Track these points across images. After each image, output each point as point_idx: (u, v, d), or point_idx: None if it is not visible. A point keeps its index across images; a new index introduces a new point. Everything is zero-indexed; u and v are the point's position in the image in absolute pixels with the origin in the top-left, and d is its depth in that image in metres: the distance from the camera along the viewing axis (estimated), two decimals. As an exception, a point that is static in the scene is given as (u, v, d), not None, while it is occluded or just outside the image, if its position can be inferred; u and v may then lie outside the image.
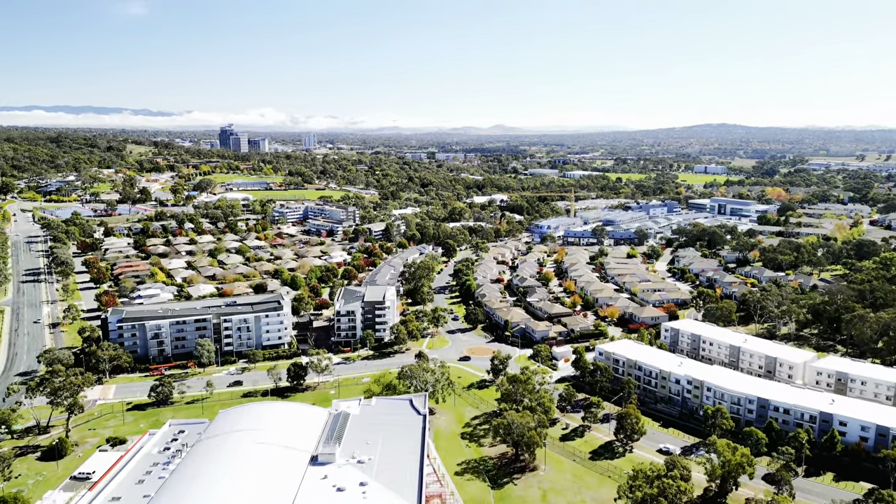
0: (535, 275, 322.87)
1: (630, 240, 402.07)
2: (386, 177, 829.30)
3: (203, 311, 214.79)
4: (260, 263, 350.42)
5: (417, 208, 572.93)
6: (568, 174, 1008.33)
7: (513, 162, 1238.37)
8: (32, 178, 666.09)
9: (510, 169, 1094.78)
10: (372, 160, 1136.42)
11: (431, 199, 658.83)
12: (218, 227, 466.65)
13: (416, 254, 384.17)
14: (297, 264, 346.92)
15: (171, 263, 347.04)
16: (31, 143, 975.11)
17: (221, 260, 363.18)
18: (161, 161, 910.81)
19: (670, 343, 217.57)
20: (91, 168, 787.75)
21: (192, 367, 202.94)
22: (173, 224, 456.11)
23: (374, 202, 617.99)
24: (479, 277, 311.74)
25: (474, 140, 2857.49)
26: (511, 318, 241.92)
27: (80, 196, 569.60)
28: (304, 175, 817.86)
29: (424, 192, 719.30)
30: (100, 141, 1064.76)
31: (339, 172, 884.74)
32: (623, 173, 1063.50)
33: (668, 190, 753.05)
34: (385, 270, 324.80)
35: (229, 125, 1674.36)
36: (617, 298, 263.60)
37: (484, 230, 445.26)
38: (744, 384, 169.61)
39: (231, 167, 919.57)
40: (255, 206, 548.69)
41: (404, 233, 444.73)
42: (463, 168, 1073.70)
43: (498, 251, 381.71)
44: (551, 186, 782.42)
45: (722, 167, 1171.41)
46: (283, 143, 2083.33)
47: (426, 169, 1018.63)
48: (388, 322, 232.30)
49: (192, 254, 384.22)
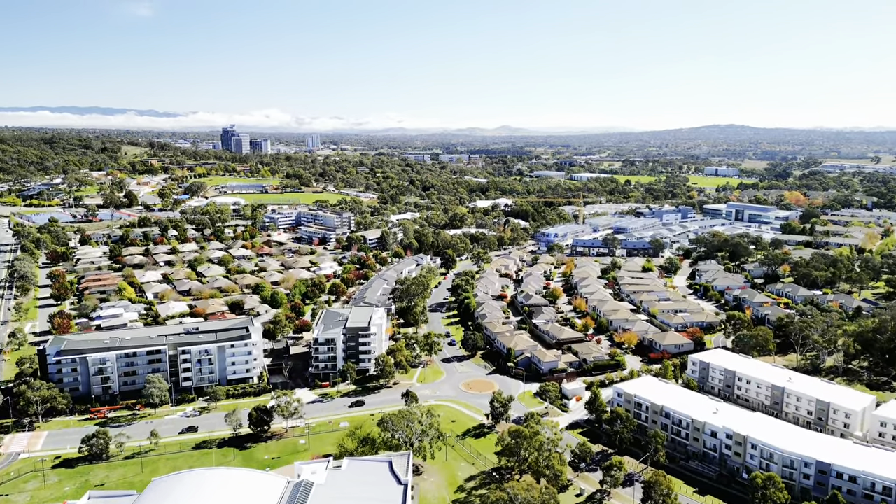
0: (542, 290, 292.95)
1: (644, 250, 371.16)
2: (386, 179, 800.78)
3: (158, 339, 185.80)
4: (242, 276, 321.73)
5: (417, 213, 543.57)
6: (575, 176, 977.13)
7: (518, 163, 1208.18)
8: (17, 180, 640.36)
9: (515, 171, 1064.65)
10: (374, 162, 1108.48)
11: (432, 202, 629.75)
12: (203, 235, 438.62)
13: (413, 265, 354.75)
14: (282, 277, 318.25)
15: (146, 276, 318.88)
16: (23, 145, 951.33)
17: (201, 272, 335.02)
18: (155, 163, 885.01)
19: (699, 379, 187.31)
20: (80, 170, 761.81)
21: (141, 408, 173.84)
22: (156, 231, 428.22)
23: (372, 206, 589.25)
24: (479, 293, 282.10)
25: (479, 141, 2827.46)
26: (515, 345, 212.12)
27: (64, 200, 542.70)
28: (301, 177, 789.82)
29: (426, 195, 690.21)
30: (94, 142, 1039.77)
31: (338, 175, 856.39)
32: (632, 175, 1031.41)
33: (679, 193, 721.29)
34: (377, 285, 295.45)
35: (231, 126, 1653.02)
36: (634, 321, 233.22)
37: (486, 238, 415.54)
38: (796, 440, 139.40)
39: (228, 169, 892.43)
40: (245, 210, 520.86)
41: (401, 241, 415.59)
42: (467, 170, 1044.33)
43: (501, 262, 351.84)
44: (558, 190, 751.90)
45: (733, 169, 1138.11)
46: (287, 144, 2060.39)
47: (429, 171, 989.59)
48: (373, 351, 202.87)
49: (172, 264, 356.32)
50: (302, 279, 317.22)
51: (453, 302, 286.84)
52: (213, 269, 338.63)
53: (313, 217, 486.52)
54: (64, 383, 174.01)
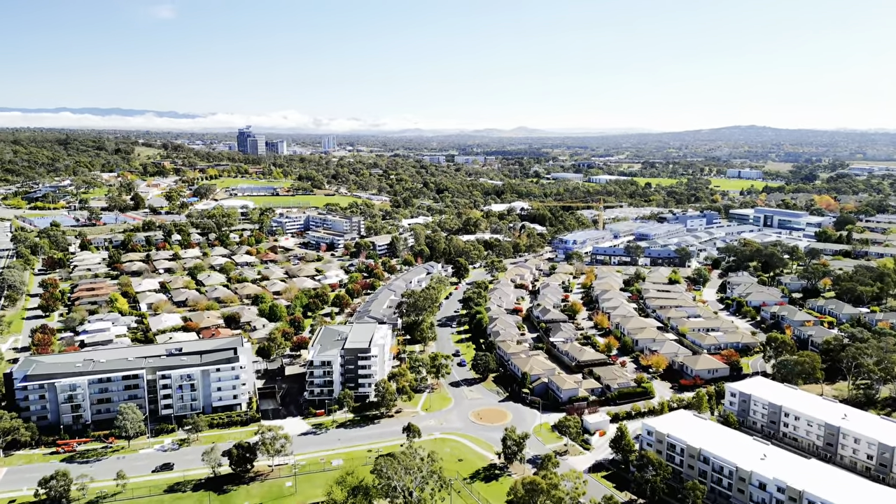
0: (560, 304, 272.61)
1: (670, 259, 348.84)
2: (400, 182, 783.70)
3: (135, 363, 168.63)
4: (242, 286, 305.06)
5: (430, 217, 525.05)
6: (593, 178, 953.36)
7: (535, 165, 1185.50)
8: (26, 182, 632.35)
9: (532, 173, 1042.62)
10: (388, 163, 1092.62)
11: (446, 206, 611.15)
12: (208, 240, 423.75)
13: (423, 273, 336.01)
14: (285, 287, 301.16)
15: (143, 284, 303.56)
16: (37, 146, 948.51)
17: (201, 280, 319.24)
18: (168, 164, 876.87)
19: (738, 412, 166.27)
20: (91, 172, 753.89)
21: (113, 441, 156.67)
22: (159, 236, 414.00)
23: (384, 210, 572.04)
24: (492, 307, 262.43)
25: (496, 142, 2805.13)
26: (531, 368, 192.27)
27: (70, 203, 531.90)
28: (313, 180, 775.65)
29: (439, 198, 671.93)
30: (108, 143, 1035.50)
31: (351, 177, 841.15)
32: (652, 178, 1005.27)
33: (702, 197, 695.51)
34: (383, 297, 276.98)
35: (247, 127, 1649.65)
36: (662, 342, 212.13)
37: (501, 245, 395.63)
38: (859, 497, 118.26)
39: (240, 171, 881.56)
40: (253, 214, 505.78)
41: (412, 247, 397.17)
42: (482, 172, 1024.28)
43: (516, 271, 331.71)
44: (576, 193, 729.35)
45: (756, 171, 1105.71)
46: (303, 145, 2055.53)
47: (443, 173, 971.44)
48: (373, 375, 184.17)
49: (172, 272, 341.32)
50: (305, 289, 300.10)
51: (464, 315, 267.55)
52: (213, 276, 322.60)
53: (322, 221, 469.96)
54: (31, 411, 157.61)
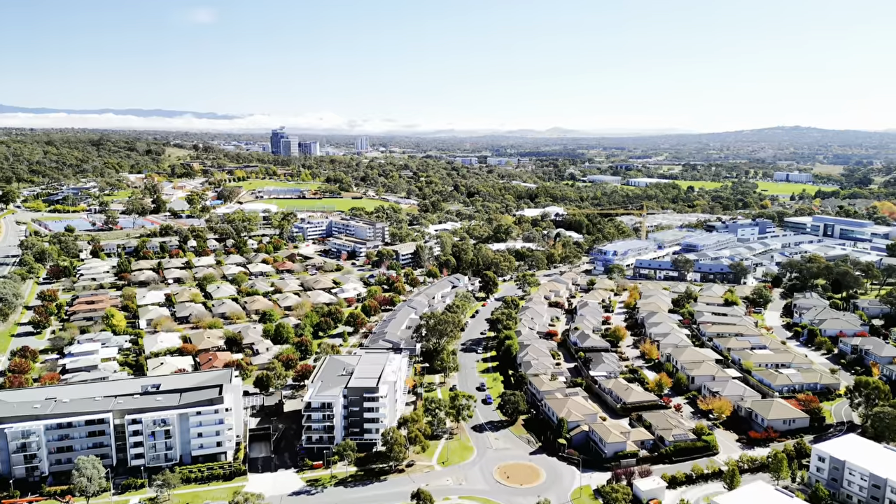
0: (600, 328, 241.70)
1: (723, 275, 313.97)
2: (430, 184, 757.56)
3: (103, 403, 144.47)
4: (252, 299, 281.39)
5: (458, 223, 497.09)
6: (632, 181, 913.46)
7: (570, 167, 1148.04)
8: (51, 183, 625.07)
9: (567, 175, 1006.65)
10: (419, 165, 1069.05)
11: (476, 210, 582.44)
12: (225, 246, 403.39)
13: (448, 287, 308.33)
14: (297, 302, 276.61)
15: (147, 297, 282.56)
16: (70, 146, 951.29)
17: (210, 292, 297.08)
18: (197, 166, 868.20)
19: (827, 482, 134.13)
20: (119, 173, 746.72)
21: (71, 500, 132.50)
22: (174, 242, 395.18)
23: (411, 214, 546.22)
24: (524, 329, 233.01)
25: (530, 143, 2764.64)
26: (568, 413, 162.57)
27: (90, 206, 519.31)
28: (341, 182, 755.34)
29: (470, 202, 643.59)
30: (139, 144, 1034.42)
31: (380, 179, 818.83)
32: (693, 181, 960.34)
33: (751, 203, 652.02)
34: (402, 316, 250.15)
35: (280, 128, 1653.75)
36: (724, 381, 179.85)
37: (534, 255, 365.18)
38: None
39: (268, 172, 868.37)
40: (275, 218, 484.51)
41: (437, 257, 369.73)
42: (515, 174, 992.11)
43: (551, 287, 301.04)
44: (614, 197, 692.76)
45: (805, 175, 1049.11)
46: (337, 146, 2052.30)
47: (475, 175, 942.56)
48: (382, 420, 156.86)
49: (181, 282, 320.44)
50: (319, 304, 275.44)
51: (492, 338, 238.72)
52: (223, 288, 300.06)
53: (344, 227, 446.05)
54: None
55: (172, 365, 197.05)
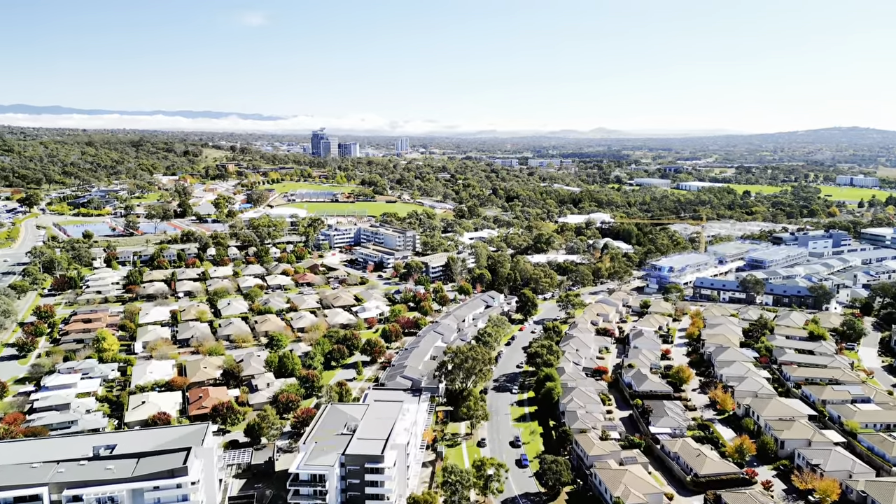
0: (659, 364, 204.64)
1: (800, 298, 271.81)
2: (467, 188, 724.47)
3: (40, 472, 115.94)
4: (264, 319, 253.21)
5: (495, 231, 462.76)
6: (682, 185, 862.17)
7: (615, 170, 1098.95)
8: (81, 185, 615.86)
9: (612, 178, 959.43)
10: (457, 167, 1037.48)
11: (515, 216, 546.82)
12: (246, 255, 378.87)
13: (481, 307, 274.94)
14: (312, 323, 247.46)
15: (151, 314, 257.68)
16: (110, 148, 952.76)
17: (220, 309, 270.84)
18: (232, 167, 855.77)
19: None
20: (153, 175, 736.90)
21: None
22: (192, 249, 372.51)
23: (446, 220, 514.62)
24: (567, 365, 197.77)
25: (573, 144, 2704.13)
26: (625, 493, 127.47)
27: (115, 209, 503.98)
28: (376, 185, 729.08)
29: (509, 207, 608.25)
30: (177, 145, 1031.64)
31: (416, 182, 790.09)
32: (749, 185, 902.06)
33: (817, 210, 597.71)
34: (427, 343, 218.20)
35: (321, 129, 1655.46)
36: (826, 451, 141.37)
37: (579, 270, 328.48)
38: None
39: (304, 175, 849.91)
40: (302, 224, 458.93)
41: (471, 270, 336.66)
42: (557, 177, 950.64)
43: (598, 309, 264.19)
44: (664, 202, 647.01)
45: (871, 179, 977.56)
46: (377, 147, 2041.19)
47: (515, 178, 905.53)
48: (388, 495, 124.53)
49: (193, 296, 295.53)
50: (336, 326, 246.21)
51: (530, 374, 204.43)
52: (234, 305, 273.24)
53: (373, 235, 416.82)
54: None
55: (155, 405, 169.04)
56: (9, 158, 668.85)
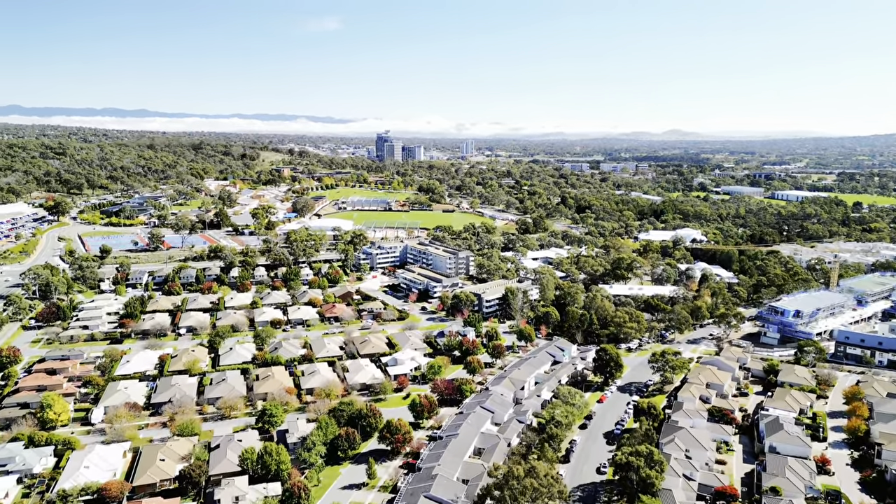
0: (814, 484, 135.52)
1: None
2: (532, 195, 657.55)
3: None
4: (265, 375, 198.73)
5: (564, 251, 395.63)
6: (779, 195, 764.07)
7: (698, 175, 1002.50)
8: (125, 191, 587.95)
9: (696, 185, 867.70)
10: (523, 171, 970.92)
11: (588, 230, 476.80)
12: (273, 277, 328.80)
13: (546, 363, 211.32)
14: (325, 383, 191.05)
15: (133, 361, 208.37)
16: (170, 151, 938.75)
17: (221, 354, 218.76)
18: (287, 172, 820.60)
19: None
20: (203, 180, 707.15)
21: None
22: (214, 269, 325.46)
23: (507, 234, 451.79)
24: (674, 485, 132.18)
25: (646, 146, 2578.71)
26: None
27: (149, 219, 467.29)
28: (433, 192, 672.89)
29: (580, 219, 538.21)
30: (234, 148, 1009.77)
31: (477, 188, 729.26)
32: (856, 194, 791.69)
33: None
34: (469, 430, 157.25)
35: (385, 132, 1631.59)
36: None
37: (673, 311, 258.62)
38: None
39: (360, 180, 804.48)
40: (344, 238, 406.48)
41: (534, 305, 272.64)
42: (633, 183, 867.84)
43: (708, 377, 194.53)
44: (763, 216, 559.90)
45: None
46: (442, 150, 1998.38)
47: (586, 184, 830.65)
48: None
49: (195, 333, 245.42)
50: (356, 386, 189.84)
51: (617, 488, 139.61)
52: (237, 350, 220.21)
53: (421, 256, 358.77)
54: None
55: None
56: (58, 162, 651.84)
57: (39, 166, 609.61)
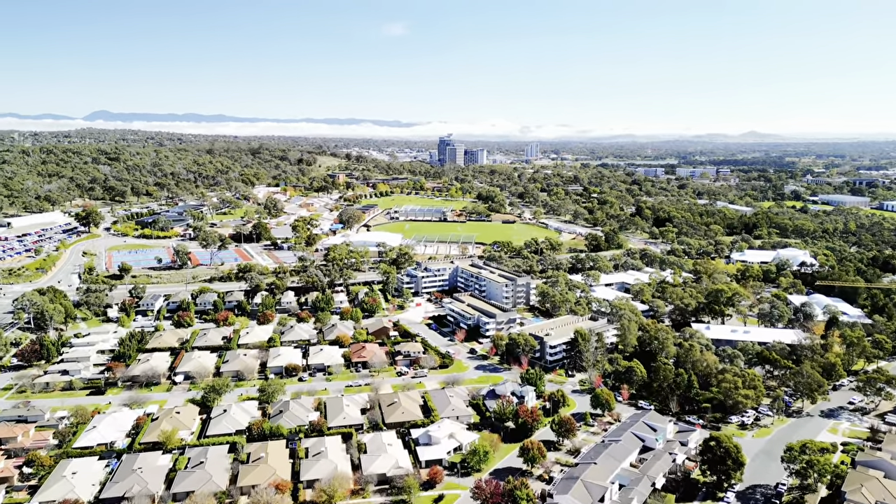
0: None
1: None
2: (603, 205, 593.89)
3: None
4: (257, 458, 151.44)
5: (644, 275, 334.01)
6: (887, 205, 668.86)
7: (787, 181, 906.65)
8: (171, 198, 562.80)
9: (788, 194, 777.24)
10: (591, 177, 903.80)
11: (670, 248, 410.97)
12: (303, 306, 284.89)
13: (633, 451, 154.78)
14: (330, 473, 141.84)
15: (101, 428, 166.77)
16: (229, 156, 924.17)
17: (213, 416, 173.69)
18: (342, 178, 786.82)
19: None
20: (255, 187, 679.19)
21: None
22: (237, 294, 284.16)
23: (576, 251, 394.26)
24: None
25: (722, 149, 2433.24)
26: None
27: (186, 230, 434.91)
28: (493, 200, 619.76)
29: (659, 234, 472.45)
30: (291, 153, 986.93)
31: (541, 196, 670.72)
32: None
33: None
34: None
35: (448, 135, 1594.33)
36: None
37: (801, 371, 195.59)
38: None
39: (415, 187, 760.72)
40: (389, 256, 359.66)
41: (612, 355, 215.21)
42: (716, 190, 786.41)
43: (872, 488, 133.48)
44: (878, 231, 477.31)
45: None
46: (506, 153, 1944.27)
47: (662, 192, 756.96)
48: None
49: (193, 383, 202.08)
50: (372, 478, 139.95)
51: None
52: (233, 414, 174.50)
53: (473, 281, 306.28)
54: None
55: None
56: (109, 168, 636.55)
57: (88, 172, 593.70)
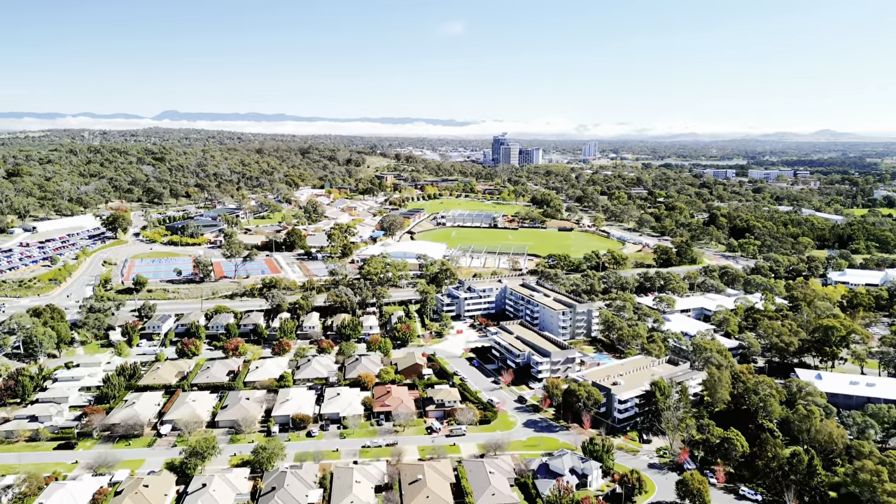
0: None
1: None
2: (671, 210, 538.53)
3: None
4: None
5: (729, 299, 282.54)
6: None
7: (877, 185, 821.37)
8: (209, 200, 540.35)
9: (881, 200, 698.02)
10: (655, 178, 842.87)
11: (756, 265, 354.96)
12: (328, 331, 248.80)
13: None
14: None
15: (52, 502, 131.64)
16: (277, 156, 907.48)
17: (190, 492, 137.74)
18: (390, 179, 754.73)
19: None
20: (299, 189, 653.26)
21: None
22: (255, 316, 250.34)
23: (644, 266, 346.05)
24: None
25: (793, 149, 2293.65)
26: None
27: (216, 236, 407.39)
28: (548, 204, 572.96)
29: (738, 245, 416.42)
30: (339, 153, 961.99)
31: (601, 200, 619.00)
32: None
33: None
34: None
35: (502, 134, 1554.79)
36: None
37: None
38: None
39: (466, 189, 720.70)
40: (430, 271, 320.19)
41: (699, 414, 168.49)
42: (796, 195, 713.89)
43: None
44: None
45: None
46: (563, 152, 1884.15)
47: (735, 195, 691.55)
48: None
49: (181, 436, 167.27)
50: None
51: None
52: (215, 488, 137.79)
53: (524, 305, 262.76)
54: None
55: None
56: (152, 168, 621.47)
57: (130, 173, 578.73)
